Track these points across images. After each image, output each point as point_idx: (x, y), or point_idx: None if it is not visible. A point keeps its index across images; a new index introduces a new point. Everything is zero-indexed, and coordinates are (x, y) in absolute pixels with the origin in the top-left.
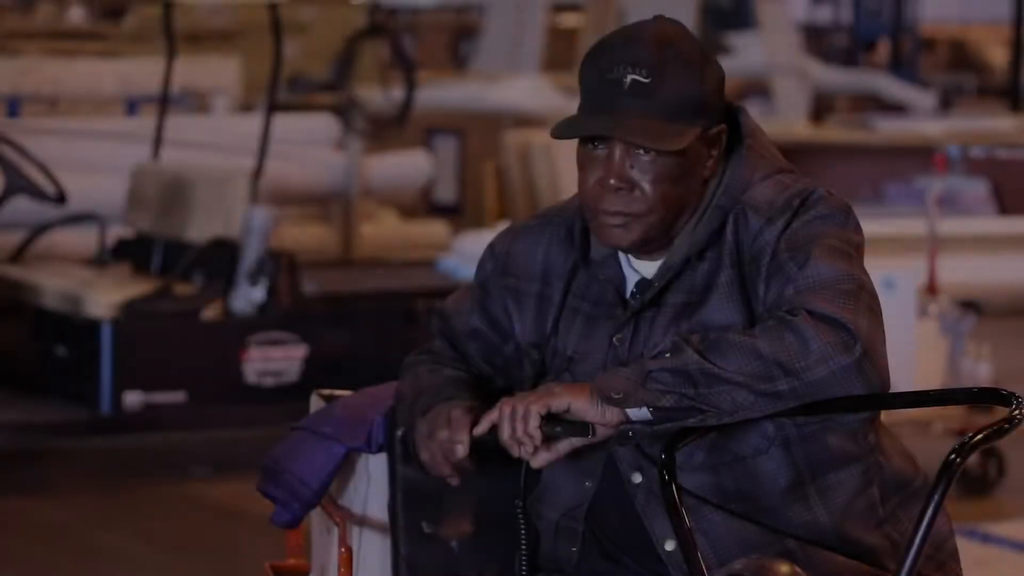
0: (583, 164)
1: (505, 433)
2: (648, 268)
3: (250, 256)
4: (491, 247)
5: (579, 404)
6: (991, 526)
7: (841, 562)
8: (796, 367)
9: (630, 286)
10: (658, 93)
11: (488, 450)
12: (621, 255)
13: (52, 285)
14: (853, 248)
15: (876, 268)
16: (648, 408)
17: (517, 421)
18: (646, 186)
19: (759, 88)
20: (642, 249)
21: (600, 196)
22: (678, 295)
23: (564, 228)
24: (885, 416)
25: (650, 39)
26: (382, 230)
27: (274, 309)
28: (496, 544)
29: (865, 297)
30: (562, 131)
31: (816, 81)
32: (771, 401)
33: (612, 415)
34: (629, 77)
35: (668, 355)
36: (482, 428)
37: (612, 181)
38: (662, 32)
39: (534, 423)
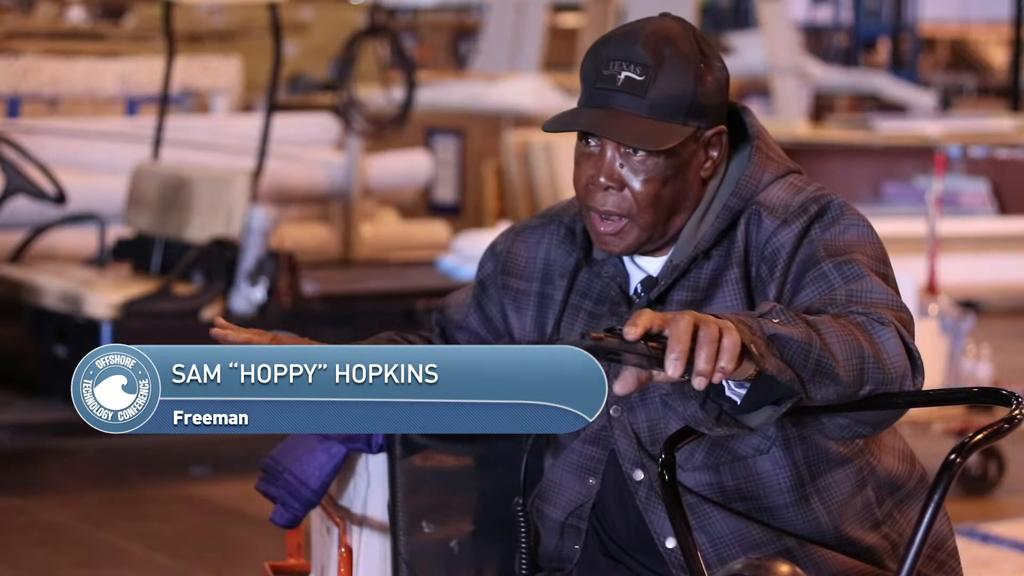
0: (578, 160)
1: (701, 361)
2: (651, 265)
3: (250, 256)
4: (492, 246)
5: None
6: (991, 526)
7: (841, 561)
8: (884, 378)
9: (633, 283)
10: (651, 91)
11: (486, 451)
12: None
13: (52, 285)
14: (890, 268)
15: None
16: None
17: (714, 348)
18: (636, 186)
19: (759, 88)
20: (639, 253)
21: (591, 194)
22: (682, 292)
23: (565, 227)
24: None
25: (649, 36)
26: (382, 230)
27: (274, 309)
28: (496, 544)
29: (913, 330)
30: (551, 125)
31: (816, 81)
32: (845, 400)
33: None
34: (623, 74)
35: (776, 320)
36: (637, 333)
37: (602, 179)
38: (662, 29)
39: (729, 360)
